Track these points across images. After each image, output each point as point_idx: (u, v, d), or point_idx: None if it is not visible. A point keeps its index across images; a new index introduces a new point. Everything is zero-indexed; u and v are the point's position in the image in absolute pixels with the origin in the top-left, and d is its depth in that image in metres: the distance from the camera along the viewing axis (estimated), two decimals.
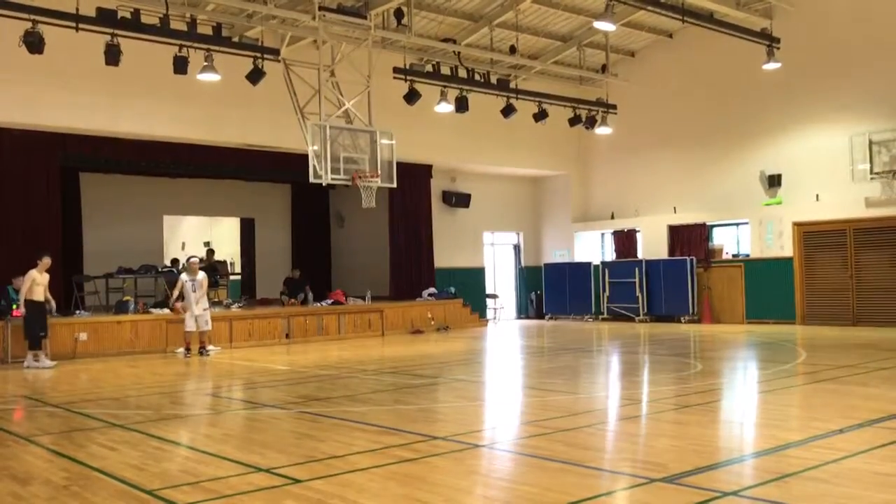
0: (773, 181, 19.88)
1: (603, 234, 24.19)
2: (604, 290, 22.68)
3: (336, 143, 14.47)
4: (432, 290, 21.37)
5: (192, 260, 15.74)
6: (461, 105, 17.93)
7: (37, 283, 13.71)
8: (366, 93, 15.49)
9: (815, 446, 6.17)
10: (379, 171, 14.89)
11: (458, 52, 18.51)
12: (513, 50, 18.98)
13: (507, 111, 18.69)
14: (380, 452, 6.37)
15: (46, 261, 13.93)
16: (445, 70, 18.27)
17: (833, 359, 12.18)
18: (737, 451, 6.48)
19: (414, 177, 20.93)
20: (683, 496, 4.99)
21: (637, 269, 21.87)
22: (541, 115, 19.38)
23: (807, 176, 19.22)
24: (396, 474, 5.73)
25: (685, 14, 16.50)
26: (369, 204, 15.13)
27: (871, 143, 17.94)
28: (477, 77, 18.35)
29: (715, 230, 21.55)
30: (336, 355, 14.83)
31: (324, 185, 14.95)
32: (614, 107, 20.70)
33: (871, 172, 17.91)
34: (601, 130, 20.83)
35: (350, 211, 22.88)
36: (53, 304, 14.29)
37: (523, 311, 24.97)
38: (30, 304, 13.66)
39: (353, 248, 23.66)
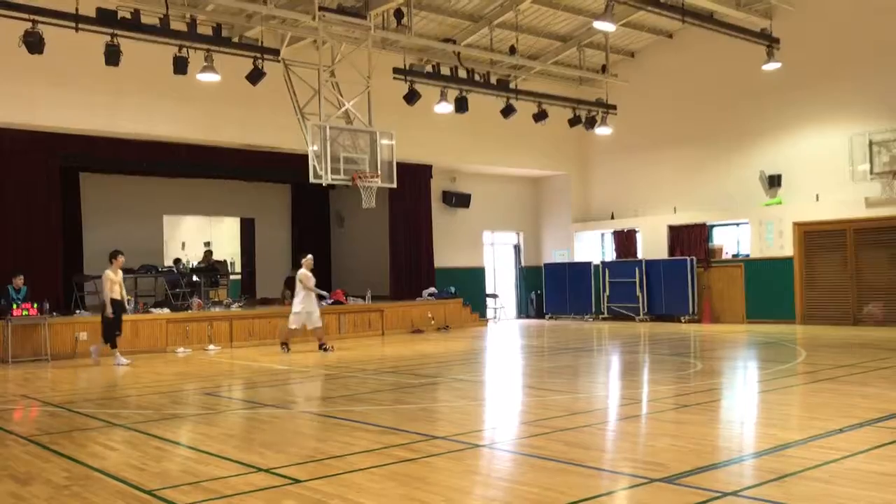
0: (773, 181, 19.89)
1: (603, 234, 24.20)
2: (604, 290, 22.69)
3: (336, 144, 14.48)
4: (432, 289, 21.38)
5: (309, 257, 15.87)
6: (461, 105, 17.94)
7: (113, 281, 13.85)
8: (366, 93, 15.50)
9: (815, 446, 6.17)
10: (379, 172, 14.91)
11: (458, 53, 18.53)
12: (512, 50, 18.99)
13: (507, 111, 18.70)
14: (380, 452, 6.37)
15: (121, 259, 14.14)
16: (445, 70, 18.29)
17: (833, 358, 12.18)
18: (737, 451, 6.48)
19: (414, 177, 20.95)
20: (683, 496, 4.99)
21: (637, 269, 21.87)
22: (540, 116, 19.39)
23: (807, 176, 19.24)
24: (396, 474, 5.73)
25: (685, 14, 16.50)
26: (369, 204, 15.14)
27: (871, 143, 17.95)
28: (477, 77, 18.37)
29: (715, 230, 21.56)
30: (336, 355, 14.84)
31: (324, 185, 14.97)
32: (614, 107, 20.72)
33: (871, 172, 17.92)
34: (601, 131, 20.84)
35: (350, 211, 22.88)
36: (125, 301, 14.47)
37: (523, 311, 24.98)
38: (112, 302, 13.79)
39: (353, 248, 23.67)
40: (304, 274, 15.45)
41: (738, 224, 21.07)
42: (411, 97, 17.06)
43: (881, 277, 18.12)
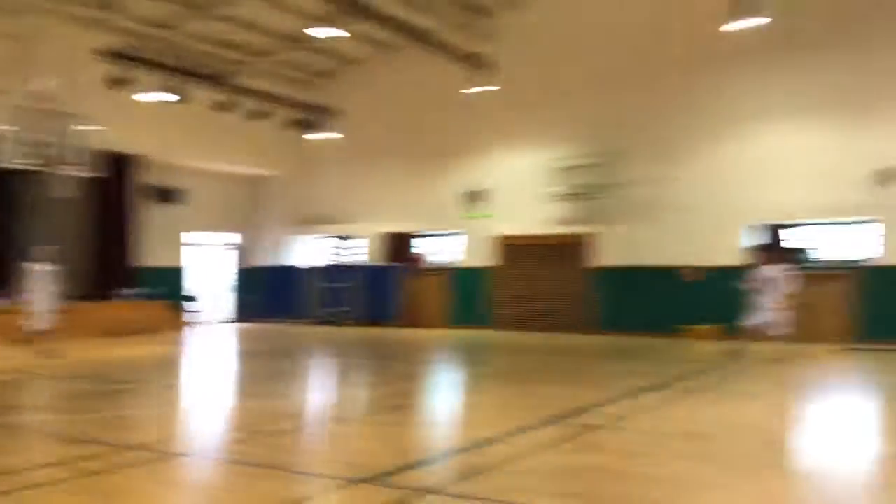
0: (480, 196, 21.26)
1: (321, 239, 24.27)
2: (319, 295, 22.74)
3: (30, 125, 13.11)
4: (134, 289, 20.05)
5: (40, 247, 13.76)
6: (177, 96, 17.08)
7: None
8: (69, 74, 14.19)
9: (505, 443, 6.62)
10: (78, 159, 13.73)
11: (176, 41, 17.62)
12: (234, 45, 18.45)
13: (227, 107, 18.14)
14: (67, 465, 5.82)
15: None
16: (161, 58, 17.28)
17: (523, 362, 13.23)
18: (435, 450, 6.78)
19: (120, 167, 19.51)
20: (384, 495, 5.11)
21: (352, 275, 22.25)
22: (262, 115, 19.04)
23: (508, 193, 20.76)
24: (86, 488, 5.27)
25: (403, 30, 17.02)
26: (67, 193, 13.90)
27: (562, 168, 19.80)
28: (197, 68, 17.60)
29: (425, 240, 22.54)
30: (19, 358, 13.36)
31: (13, 168, 13.48)
32: (339, 113, 20.85)
33: (561, 194, 19.79)
34: (324, 135, 20.91)
35: (45, 200, 20.73)
36: None
37: (237, 314, 24.25)
38: None
39: (49, 241, 21.46)
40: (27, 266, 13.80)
41: (446, 234, 22.20)
42: (119, 83, 15.92)
43: (566, 288, 20.07)
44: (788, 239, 17.74)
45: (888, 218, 16.43)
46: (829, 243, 17.43)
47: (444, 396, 10.27)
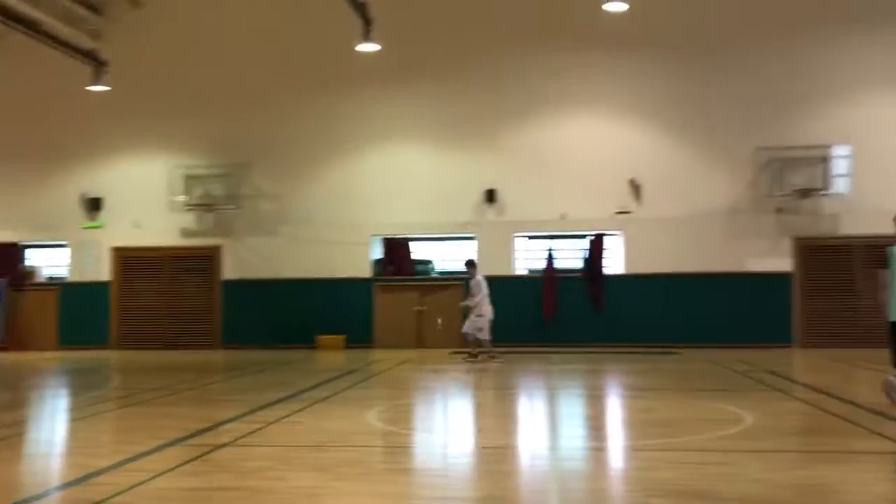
0: (94, 204, 19.70)
1: None
2: None
3: None
4: None
5: None
6: None
7: None
8: None
9: (124, 470, 6.15)
10: None
11: None
12: None
13: None
14: None
15: None
16: None
17: (145, 382, 12.48)
18: (42, 486, 6.07)
19: None
20: None
21: None
22: None
23: (127, 202, 19.53)
24: None
25: (6, 16, 15.37)
26: None
27: (187, 176, 19.12)
28: None
29: (30, 251, 20.34)
30: None
31: None
32: None
33: (187, 204, 19.10)
34: None
35: None
36: None
37: None
38: None
39: None
40: None
41: (55, 245, 20.23)
42: None
43: (195, 302, 19.36)
44: (415, 252, 19.08)
45: (484, 234, 18.48)
46: (446, 256, 19.15)
47: (50, 426, 9.28)
